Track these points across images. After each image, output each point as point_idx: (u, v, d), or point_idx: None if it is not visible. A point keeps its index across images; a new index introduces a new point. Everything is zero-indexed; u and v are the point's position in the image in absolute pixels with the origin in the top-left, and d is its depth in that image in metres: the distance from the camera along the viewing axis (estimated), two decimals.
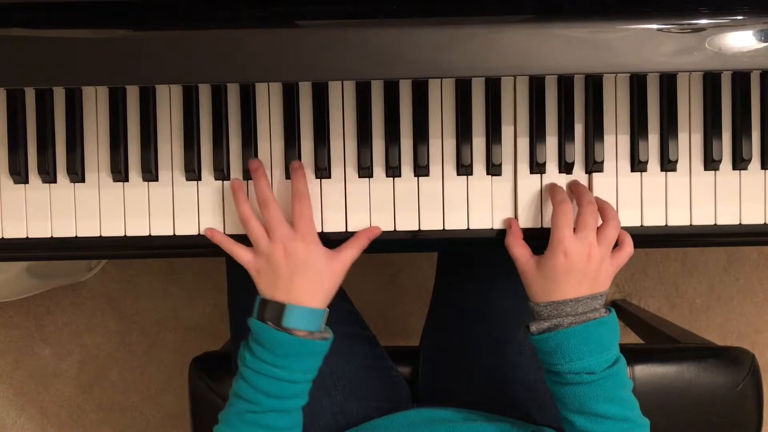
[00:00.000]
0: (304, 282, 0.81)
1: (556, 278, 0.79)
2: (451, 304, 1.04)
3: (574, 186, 0.86)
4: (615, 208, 0.86)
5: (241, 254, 0.84)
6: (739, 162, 0.87)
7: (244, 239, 0.85)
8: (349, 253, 0.84)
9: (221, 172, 0.87)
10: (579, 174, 0.87)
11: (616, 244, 0.83)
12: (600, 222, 0.83)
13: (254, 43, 0.74)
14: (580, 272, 0.79)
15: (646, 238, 0.88)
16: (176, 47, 0.74)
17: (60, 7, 0.74)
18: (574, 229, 0.80)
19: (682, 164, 0.87)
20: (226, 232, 0.87)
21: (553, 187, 0.85)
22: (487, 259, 1.01)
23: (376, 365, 1.01)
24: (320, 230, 0.87)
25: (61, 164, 0.87)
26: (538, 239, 0.84)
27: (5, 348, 1.75)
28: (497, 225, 0.87)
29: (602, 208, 0.83)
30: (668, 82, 0.87)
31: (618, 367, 0.78)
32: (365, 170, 0.87)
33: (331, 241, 0.86)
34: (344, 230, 0.87)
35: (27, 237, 0.88)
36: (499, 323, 0.98)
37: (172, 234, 0.87)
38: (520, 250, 0.83)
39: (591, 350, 0.77)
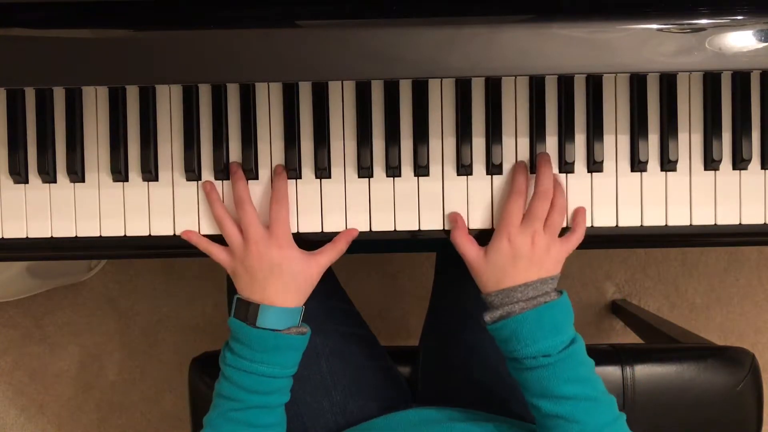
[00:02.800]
0: (279, 284, 0.81)
1: (503, 265, 0.80)
2: (451, 304, 1.04)
3: (538, 164, 0.85)
4: (614, 204, 0.87)
5: (218, 254, 0.84)
6: (739, 162, 0.87)
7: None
8: (327, 256, 0.84)
9: (221, 172, 0.87)
10: (579, 174, 0.87)
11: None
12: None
13: (254, 43, 0.74)
14: (525, 258, 0.80)
15: (646, 238, 0.88)
16: (176, 47, 0.74)
17: (60, 7, 0.74)
18: (523, 217, 0.82)
19: (682, 164, 0.87)
20: None
21: (516, 173, 0.85)
22: None
23: (376, 365, 1.01)
24: (320, 230, 0.87)
25: (61, 164, 0.87)
26: None
27: (5, 348, 1.75)
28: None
29: (554, 193, 0.84)
30: (668, 82, 0.87)
31: (574, 347, 0.79)
32: (365, 170, 0.87)
33: (330, 241, 0.86)
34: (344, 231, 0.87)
35: (27, 237, 0.88)
36: None
37: (172, 234, 0.87)
38: (467, 245, 0.84)
39: (545, 333, 0.78)
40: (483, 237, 0.85)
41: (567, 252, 0.83)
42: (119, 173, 0.87)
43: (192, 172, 0.87)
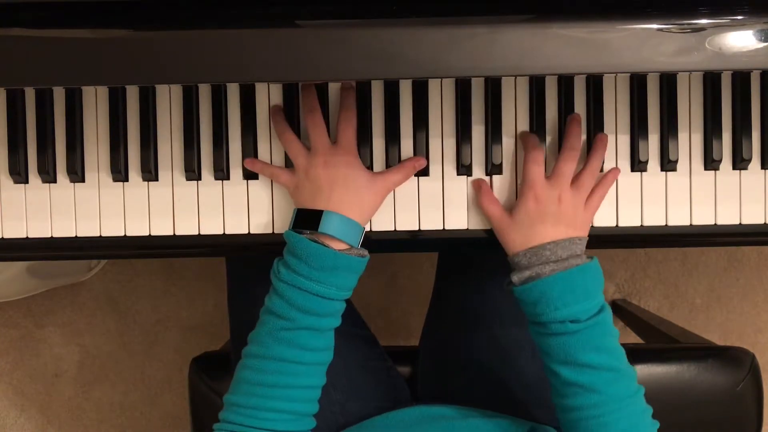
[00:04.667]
0: (344, 194, 0.80)
1: (531, 224, 0.79)
2: (451, 304, 1.04)
3: (567, 124, 0.85)
4: (615, 204, 0.87)
5: (281, 174, 0.84)
6: (739, 162, 0.87)
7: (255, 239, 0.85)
8: (393, 176, 0.84)
9: (221, 172, 0.87)
10: None
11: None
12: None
13: (254, 43, 0.74)
14: (553, 215, 0.79)
15: (646, 238, 0.88)
16: (176, 47, 0.74)
17: (60, 7, 0.74)
18: (550, 176, 0.81)
19: (682, 164, 0.87)
20: (226, 233, 0.87)
21: (525, 135, 0.86)
22: (487, 259, 1.01)
23: (376, 365, 1.01)
24: None
25: (61, 164, 0.87)
26: None
27: (5, 348, 1.75)
28: None
29: (591, 152, 0.84)
30: (668, 82, 0.87)
31: (603, 315, 0.77)
32: None
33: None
34: None
35: (27, 237, 0.88)
36: (499, 323, 0.98)
37: (172, 234, 0.87)
38: (492, 207, 0.83)
39: (576, 298, 0.76)
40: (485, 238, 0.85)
41: (592, 213, 0.83)
42: (119, 173, 0.87)
43: (192, 172, 0.87)
